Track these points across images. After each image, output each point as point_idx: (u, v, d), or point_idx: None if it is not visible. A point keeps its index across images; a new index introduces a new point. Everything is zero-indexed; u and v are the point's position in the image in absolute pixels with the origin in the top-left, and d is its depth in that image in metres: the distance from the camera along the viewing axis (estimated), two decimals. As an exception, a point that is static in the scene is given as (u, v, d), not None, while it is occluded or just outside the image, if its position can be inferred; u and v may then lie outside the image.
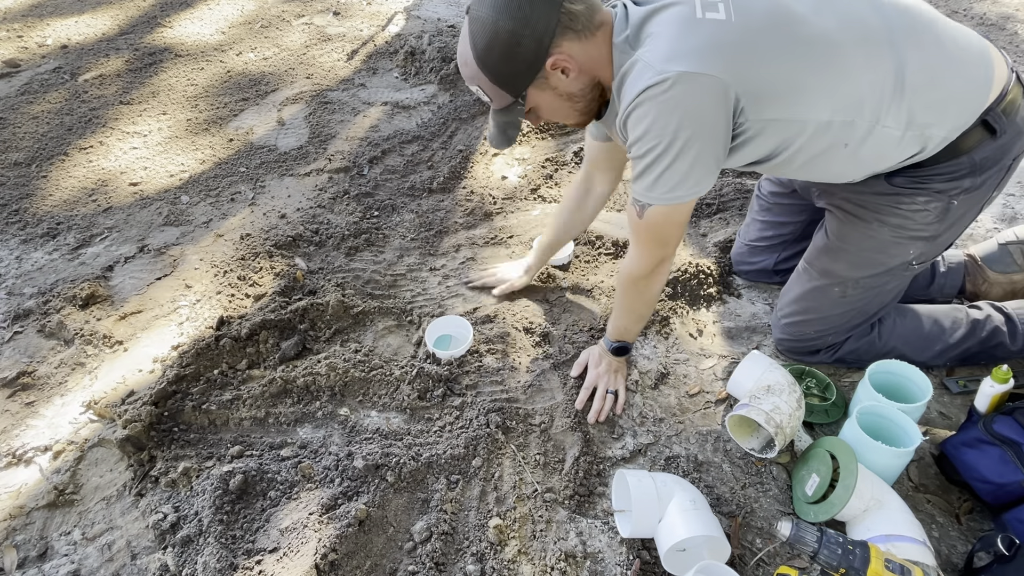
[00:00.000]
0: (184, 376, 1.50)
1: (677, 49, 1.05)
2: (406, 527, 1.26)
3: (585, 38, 1.12)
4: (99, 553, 1.25)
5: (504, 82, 1.14)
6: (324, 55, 3.00)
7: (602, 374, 1.47)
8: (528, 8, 1.07)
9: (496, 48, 1.10)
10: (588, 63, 1.14)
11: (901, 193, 1.25)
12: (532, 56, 1.10)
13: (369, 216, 2.06)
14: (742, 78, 1.06)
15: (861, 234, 1.33)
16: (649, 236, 1.23)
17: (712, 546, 1.14)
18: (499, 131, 1.24)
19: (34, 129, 2.51)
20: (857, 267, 1.36)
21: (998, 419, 1.24)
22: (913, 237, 1.29)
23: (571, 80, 1.15)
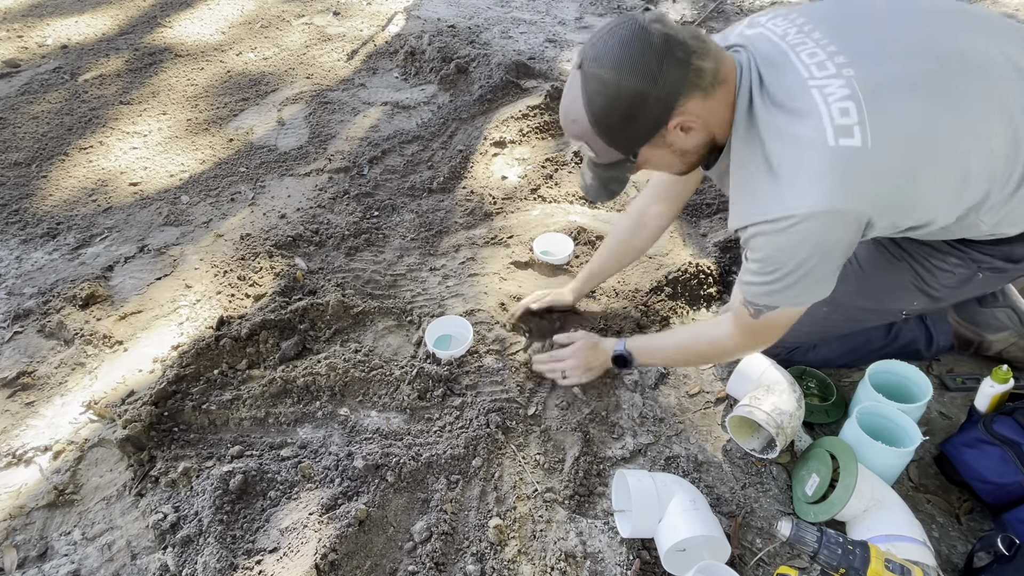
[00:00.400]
0: (184, 376, 1.50)
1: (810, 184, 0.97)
2: (406, 527, 1.26)
3: (710, 95, 1.03)
4: (99, 553, 1.25)
5: (619, 142, 1.06)
6: (324, 55, 3.00)
7: (579, 358, 1.44)
8: (657, 66, 0.97)
9: (617, 108, 1.01)
10: (710, 121, 1.06)
11: (939, 248, 1.22)
12: (656, 117, 1.02)
13: (369, 216, 2.06)
14: (877, 205, 1.00)
15: (885, 267, 1.29)
16: (762, 332, 1.18)
17: (712, 546, 1.14)
18: (601, 185, 1.16)
19: (34, 129, 2.51)
20: (860, 295, 1.33)
21: (998, 419, 1.24)
22: (925, 291, 1.28)
23: (690, 138, 1.07)
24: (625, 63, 0.98)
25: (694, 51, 0.99)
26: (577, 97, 1.03)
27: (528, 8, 3.39)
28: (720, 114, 1.06)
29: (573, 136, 1.08)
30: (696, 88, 1.01)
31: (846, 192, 0.97)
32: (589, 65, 1.01)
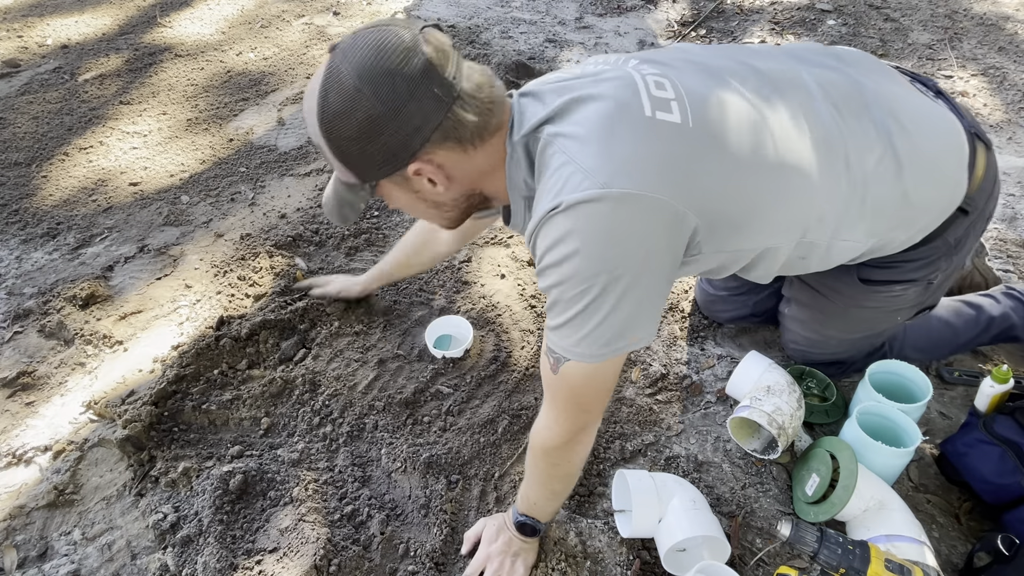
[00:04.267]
0: (184, 376, 1.49)
1: (619, 155, 0.80)
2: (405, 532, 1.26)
3: (472, 149, 0.87)
4: (99, 553, 1.25)
5: (349, 163, 0.88)
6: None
7: (495, 554, 1.13)
8: (405, 97, 0.80)
9: (348, 124, 0.83)
10: (469, 175, 0.91)
11: (875, 286, 1.20)
12: (392, 152, 0.85)
13: (369, 216, 2.06)
14: (701, 203, 0.85)
15: (841, 312, 1.29)
16: (568, 398, 0.95)
17: (712, 546, 1.14)
18: (336, 204, 0.98)
19: (34, 129, 2.51)
20: (849, 331, 1.35)
21: (998, 419, 1.24)
22: (896, 311, 1.27)
23: (439, 190, 0.91)
24: (368, 75, 0.80)
25: (459, 97, 0.83)
26: (316, 88, 0.85)
27: (528, 8, 3.39)
28: (487, 166, 0.91)
29: (309, 134, 0.90)
30: (451, 139, 0.85)
31: (667, 176, 0.81)
32: (336, 56, 0.84)
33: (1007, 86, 2.49)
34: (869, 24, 2.96)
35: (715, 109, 0.87)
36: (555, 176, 0.83)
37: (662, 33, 3.06)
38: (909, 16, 3.03)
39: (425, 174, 0.88)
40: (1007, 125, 2.30)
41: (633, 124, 0.82)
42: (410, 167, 0.87)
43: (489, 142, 0.89)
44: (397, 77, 0.80)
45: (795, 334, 1.45)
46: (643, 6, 3.32)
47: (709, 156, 0.85)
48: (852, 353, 1.44)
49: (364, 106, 0.81)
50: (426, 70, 0.81)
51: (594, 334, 0.84)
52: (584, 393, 0.94)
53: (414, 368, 1.57)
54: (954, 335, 1.44)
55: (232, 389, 1.50)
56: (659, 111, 0.83)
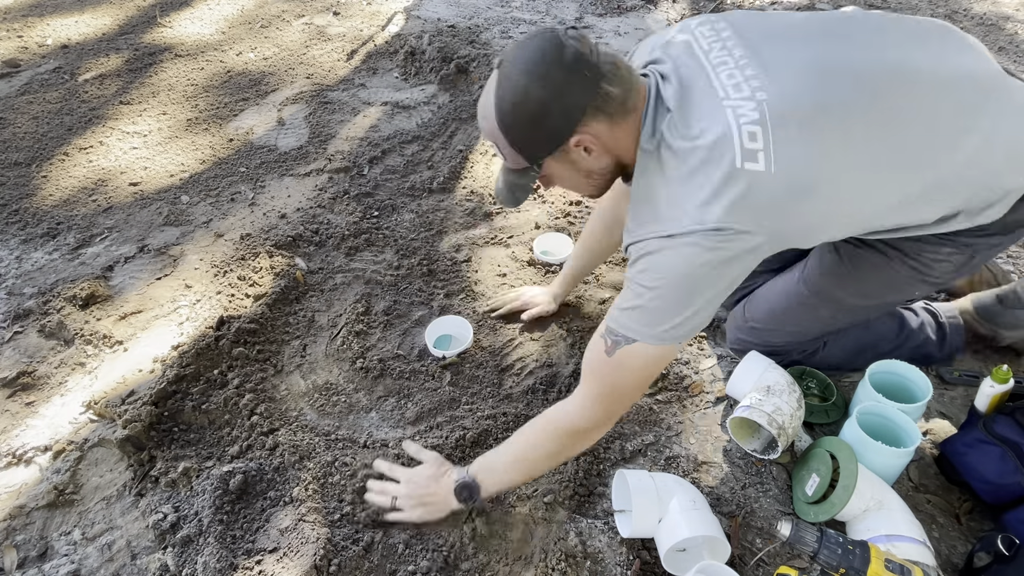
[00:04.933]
0: (184, 376, 1.49)
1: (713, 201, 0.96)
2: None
3: (616, 122, 1.04)
4: (99, 553, 1.25)
5: (522, 148, 1.06)
6: (324, 55, 3.00)
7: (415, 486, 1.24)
8: (563, 81, 0.99)
9: (522, 113, 1.01)
10: (615, 146, 1.07)
11: (927, 240, 1.20)
12: (557, 130, 1.03)
13: (369, 216, 2.06)
14: (775, 232, 1.00)
15: (878, 266, 1.26)
16: (613, 382, 1.06)
17: (712, 546, 1.14)
18: (507, 190, 1.15)
19: (34, 129, 2.51)
20: (862, 296, 1.32)
21: (998, 419, 1.24)
22: (925, 281, 1.26)
23: (592, 159, 1.07)
24: (535, 71, 0.99)
25: (604, 75, 1.00)
26: (491, 94, 1.04)
27: (528, 8, 3.39)
28: (629, 141, 1.06)
29: (485, 134, 1.08)
30: (600, 112, 1.01)
31: (748, 216, 0.96)
32: (505, 66, 1.02)
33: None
34: (869, 24, 2.96)
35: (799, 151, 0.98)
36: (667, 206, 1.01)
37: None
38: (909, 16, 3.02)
39: (584, 144, 1.05)
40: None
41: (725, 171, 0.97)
42: (571, 140, 1.04)
43: (631, 117, 1.05)
44: (554, 67, 0.98)
45: (761, 308, 1.43)
46: (643, 6, 3.32)
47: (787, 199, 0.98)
48: (803, 341, 1.43)
49: (533, 96, 0.99)
50: (576, 58, 0.99)
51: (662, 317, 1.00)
52: (634, 377, 1.06)
53: (415, 368, 1.57)
54: (876, 342, 1.44)
55: (232, 389, 1.50)
56: (747, 162, 0.96)
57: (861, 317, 1.40)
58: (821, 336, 1.44)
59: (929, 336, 1.46)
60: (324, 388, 1.54)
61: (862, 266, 1.29)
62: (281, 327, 1.68)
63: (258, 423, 1.43)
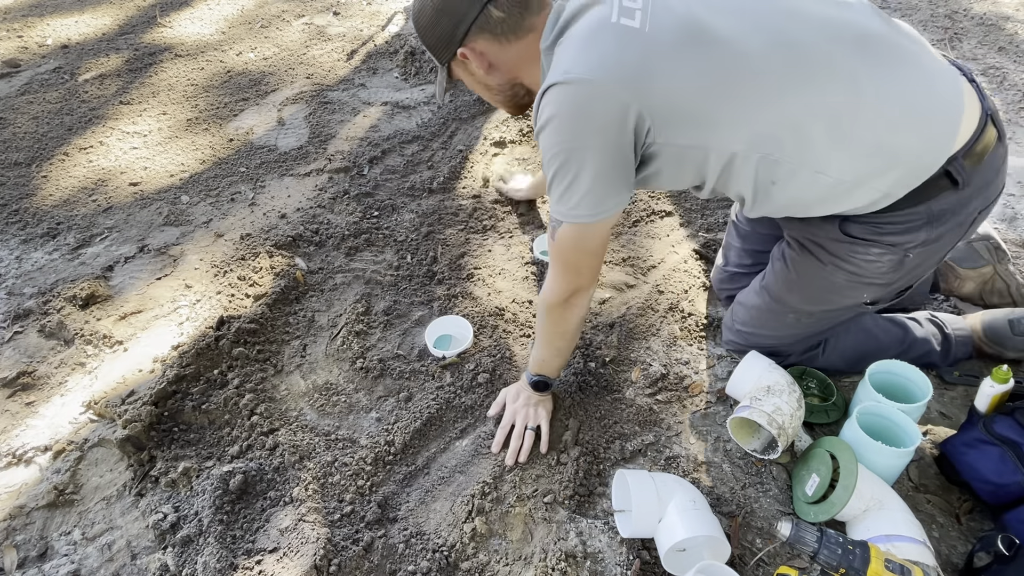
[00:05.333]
0: (184, 376, 1.49)
1: (581, 56, 1.01)
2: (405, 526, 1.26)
3: (506, 41, 1.13)
4: (99, 553, 1.25)
5: (429, 47, 1.20)
6: (324, 55, 3.00)
7: (519, 409, 1.37)
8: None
9: (421, 19, 1.16)
10: (506, 64, 1.16)
11: (855, 243, 1.20)
12: (446, 39, 1.15)
13: (369, 216, 2.06)
14: (644, 95, 1.00)
15: (816, 273, 1.29)
16: (561, 260, 1.18)
17: (712, 546, 1.14)
18: (438, 85, 1.29)
19: (34, 129, 2.51)
20: (810, 302, 1.35)
21: (998, 419, 1.24)
22: (868, 284, 1.27)
23: (484, 74, 1.18)
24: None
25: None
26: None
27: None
28: (524, 61, 1.15)
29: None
30: (485, 31, 1.12)
31: (612, 69, 0.99)
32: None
33: (1007, 86, 2.49)
34: (869, 24, 2.96)
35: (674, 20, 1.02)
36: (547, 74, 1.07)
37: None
38: (909, 16, 3.03)
39: (468, 58, 1.16)
40: (1007, 125, 2.30)
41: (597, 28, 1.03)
42: (459, 51, 1.15)
43: (524, 39, 1.13)
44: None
45: (741, 311, 1.47)
46: None
47: (654, 55, 1.00)
48: (789, 343, 1.44)
49: (428, 4, 1.14)
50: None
51: (566, 195, 1.07)
52: (573, 253, 1.16)
53: (415, 368, 1.57)
54: (879, 350, 1.44)
55: (232, 389, 1.50)
56: (623, 18, 1.01)
57: (827, 322, 1.39)
58: (805, 339, 1.44)
59: (933, 347, 1.46)
60: (324, 388, 1.54)
61: (803, 273, 1.31)
62: (281, 327, 1.68)
63: (258, 423, 1.43)
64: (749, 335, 1.47)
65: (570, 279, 1.21)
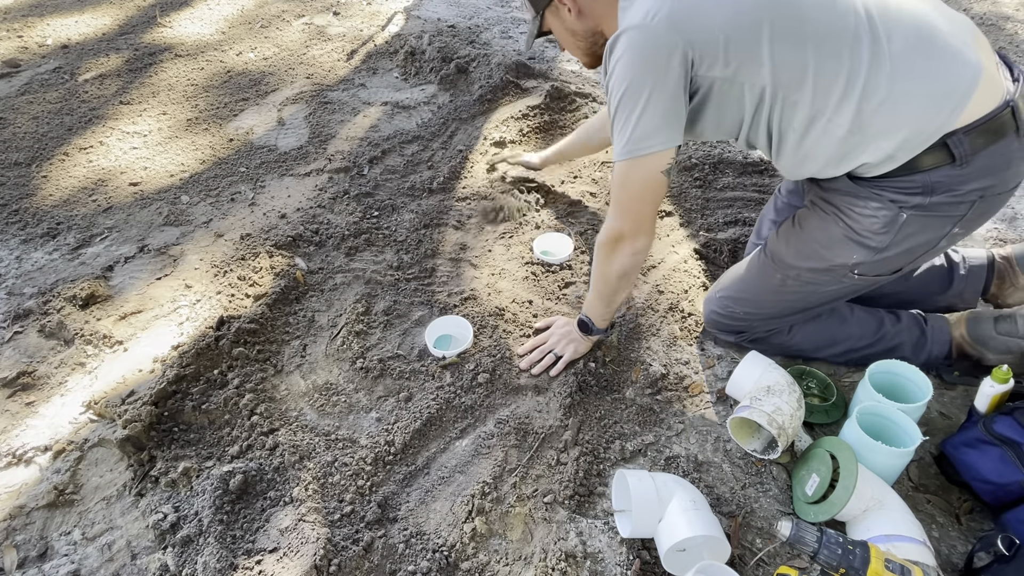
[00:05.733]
0: (184, 376, 1.49)
1: (641, 7, 1.14)
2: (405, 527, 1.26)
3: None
4: (99, 553, 1.25)
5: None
6: (324, 55, 3.00)
7: (558, 333, 1.55)
8: None
9: None
10: (593, 12, 1.28)
11: (857, 194, 1.25)
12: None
13: (369, 216, 2.06)
14: (690, 33, 1.12)
15: (817, 223, 1.34)
16: (614, 199, 1.28)
17: (712, 546, 1.14)
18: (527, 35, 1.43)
19: (34, 129, 2.51)
20: (801, 256, 1.37)
21: (998, 419, 1.24)
22: (859, 242, 1.28)
23: (574, 19, 1.30)
24: None
25: None
26: None
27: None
28: (606, 11, 1.26)
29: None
30: None
31: (661, 13, 1.12)
32: None
33: (1007, 86, 2.49)
34: (869, 24, 2.96)
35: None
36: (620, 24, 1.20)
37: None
38: (909, 16, 3.02)
39: (565, 3, 1.29)
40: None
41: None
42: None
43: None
44: None
45: (728, 276, 1.53)
46: None
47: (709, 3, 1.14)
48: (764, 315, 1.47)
49: None
50: None
51: (623, 131, 1.19)
52: (623, 191, 1.26)
53: (415, 368, 1.57)
54: (847, 337, 1.47)
55: (232, 389, 1.50)
56: None
57: (809, 288, 1.40)
58: (780, 316, 1.46)
59: (905, 342, 1.46)
60: (324, 388, 1.54)
61: (806, 225, 1.37)
62: (281, 327, 1.68)
63: (258, 423, 1.43)
64: (731, 301, 1.49)
65: (617, 221, 1.29)
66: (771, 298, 1.44)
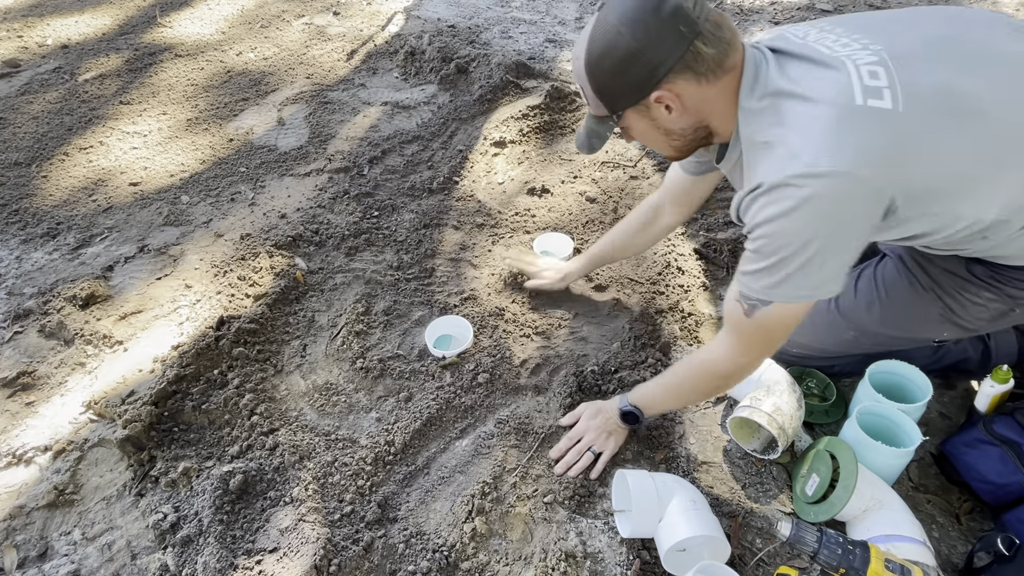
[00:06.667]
0: (184, 376, 1.49)
1: (830, 144, 0.91)
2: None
3: (706, 82, 1.00)
4: (99, 553, 1.25)
5: (604, 95, 1.05)
6: (324, 55, 3.00)
7: (592, 428, 1.34)
8: (655, 33, 0.96)
9: (608, 60, 1.01)
10: (700, 106, 1.04)
11: (970, 282, 1.16)
12: (640, 82, 1.01)
13: (369, 216, 2.06)
14: (903, 179, 0.93)
15: (909, 298, 1.23)
16: (757, 338, 1.08)
17: (712, 546, 1.14)
18: (586, 135, 1.15)
19: (34, 129, 2.51)
20: (885, 324, 1.29)
21: (998, 419, 1.24)
22: (954, 323, 1.21)
23: (673, 117, 1.05)
24: (629, 17, 0.97)
25: (700, 32, 0.97)
26: (585, 36, 1.04)
27: (528, 8, 3.39)
28: (718, 104, 1.03)
29: (574, 76, 1.08)
30: (689, 69, 0.99)
31: (871, 159, 0.90)
32: (604, 10, 1.02)
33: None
34: (869, 24, 2.96)
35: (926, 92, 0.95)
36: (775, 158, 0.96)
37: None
38: (909, 16, 3.02)
39: (664, 101, 1.03)
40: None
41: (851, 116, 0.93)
42: (653, 95, 1.02)
43: (723, 79, 1.01)
44: (651, 18, 0.97)
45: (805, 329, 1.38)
46: None
47: (915, 137, 0.93)
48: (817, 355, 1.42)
49: (623, 44, 0.99)
50: (675, 10, 0.96)
51: (793, 279, 0.97)
52: (775, 333, 1.07)
53: (414, 368, 1.57)
54: (905, 359, 1.38)
55: (233, 389, 1.50)
56: (871, 99, 0.93)
57: (883, 348, 1.36)
58: (839, 357, 1.42)
59: (970, 356, 1.40)
60: (324, 388, 1.54)
61: (894, 294, 1.26)
62: (281, 327, 1.68)
63: (258, 423, 1.43)
64: (795, 344, 1.41)
65: (758, 353, 1.12)
66: (842, 349, 1.37)
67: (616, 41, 0.99)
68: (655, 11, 0.96)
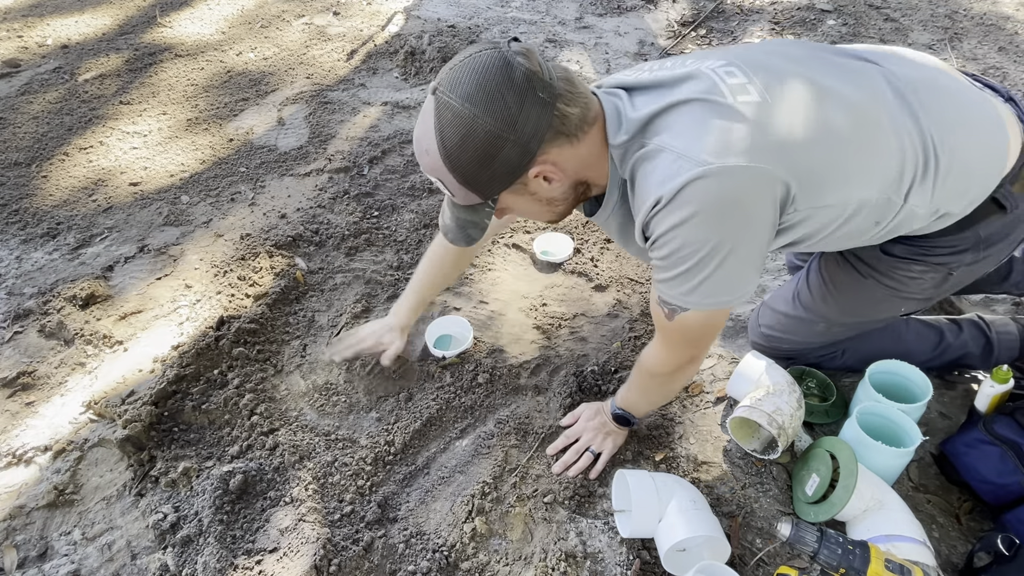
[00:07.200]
0: (184, 376, 1.49)
1: (715, 139, 0.90)
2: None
3: (578, 141, 0.95)
4: (99, 553, 1.25)
5: (473, 185, 0.95)
6: (324, 55, 3.00)
7: (590, 429, 1.35)
8: (516, 109, 0.88)
9: (470, 149, 0.90)
10: (576, 166, 0.99)
11: (897, 260, 1.19)
12: (514, 164, 0.92)
13: (369, 216, 2.06)
14: (792, 166, 0.93)
15: (854, 286, 1.27)
16: (683, 339, 1.09)
17: (712, 546, 1.14)
18: (458, 227, 1.04)
19: (34, 129, 2.51)
20: (845, 313, 1.33)
21: (998, 419, 1.24)
22: (907, 298, 1.25)
23: (554, 186, 0.99)
24: (480, 99, 0.87)
25: (560, 95, 0.91)
26: (430, 126, 0.91)
27: (528, 8, 3.39)
28: (592, 157, 0.99)
29: (426, 170, 0.96)
30: (560, 135, 0.93)
31: (760, 148, 0.90)
32: (443, 92, 0.90)
33: (1007, 86, 2.49)
34: (869, 24, 2.96)
35: (785, 84, 0.98)
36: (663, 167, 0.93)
37: (662, 33, 3.06)
38: (909, 16, 3.03)
39: (543, 174, 0.96)
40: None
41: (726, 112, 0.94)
42: (531, 171, 0.94)
43: (589, 133, 0.97)
44: (507, 94, 0.88)
45: (769, 315, 1.43)
46: (643, 6, 3.32)
47: (788, 124, 0.95)
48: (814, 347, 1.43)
49: (482, 129, 0.88)
50: (527, 79, 0.89)
51: (706, 285, 0.95)
52: (696, 336, 1.08)
53: (415, 367, 1.57)
54: (906, 354, 1.39)
55: (233, 389, 1.50)
56: (739, 96, 0.94)
57: (858, 330, 1.38)
58: (831, 345, 1.43)
59: (971, 352, 1.42)
60: (324, 388, 1.54)
61: (841, 286, 1.30)
62: (281, 327, 1.68)
63: (258, 423, 1.43)
64: (774, 338, 1.44)
65: (686, 353, 1.12)
66: (818, 339, 1.39)
67: (473, 126, 0.88)
68: (507, 83, 0.87)
